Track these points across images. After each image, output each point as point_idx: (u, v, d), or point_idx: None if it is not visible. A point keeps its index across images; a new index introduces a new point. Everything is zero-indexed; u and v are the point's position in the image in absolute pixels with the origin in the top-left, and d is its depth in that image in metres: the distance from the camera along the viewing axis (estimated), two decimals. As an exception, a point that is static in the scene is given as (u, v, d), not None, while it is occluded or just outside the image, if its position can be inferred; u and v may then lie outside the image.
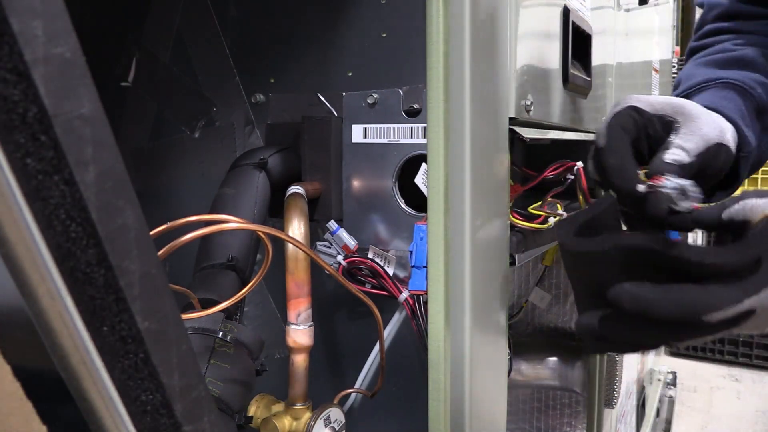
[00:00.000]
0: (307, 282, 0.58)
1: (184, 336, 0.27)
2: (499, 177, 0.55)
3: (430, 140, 0.47)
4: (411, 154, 0.69)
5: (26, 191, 0.21)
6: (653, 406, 1.80)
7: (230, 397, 0.53)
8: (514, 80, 0.55)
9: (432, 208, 0.48)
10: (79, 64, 0.22)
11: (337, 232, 0.70)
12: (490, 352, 0.55)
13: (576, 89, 0.73)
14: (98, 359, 0.24)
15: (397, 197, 0.71)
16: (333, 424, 0.58)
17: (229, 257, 0.62)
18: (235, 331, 0.56)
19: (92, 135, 0.22)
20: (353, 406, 0.74)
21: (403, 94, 0.69)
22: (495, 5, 0.52)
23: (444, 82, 0.46)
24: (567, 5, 0.68)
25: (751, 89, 0.56)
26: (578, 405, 1.03)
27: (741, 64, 0.60)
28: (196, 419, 0.27)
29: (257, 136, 0.79)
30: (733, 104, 0.54)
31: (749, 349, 2.57)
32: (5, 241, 0.21)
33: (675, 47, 1.96)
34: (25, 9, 0.20)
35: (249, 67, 0.79)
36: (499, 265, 0.56)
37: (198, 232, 0.45)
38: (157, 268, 0.25)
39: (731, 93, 0.56)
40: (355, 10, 0.72)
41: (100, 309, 0.24)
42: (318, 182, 0.72)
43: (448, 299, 0.49)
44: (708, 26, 0.69)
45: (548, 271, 1.02)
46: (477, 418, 0.52)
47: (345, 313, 0.77)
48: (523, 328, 1.05)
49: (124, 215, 0.23)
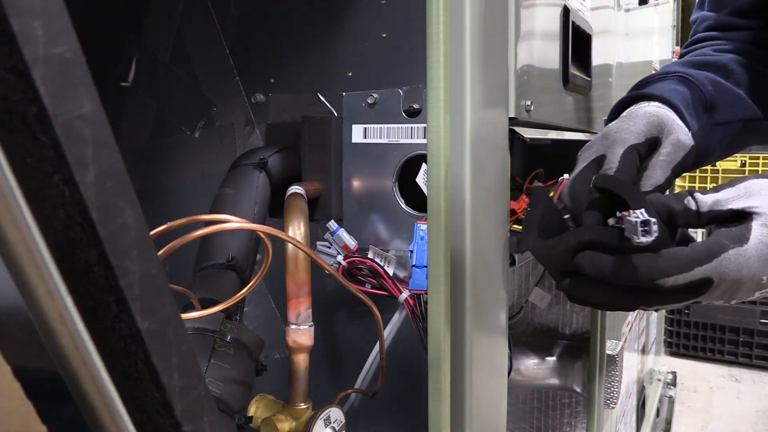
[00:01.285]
0: (307, 282, 0.58)
1: (184, 336, 0.27)
2: (499, 177, 0.55)
3: (430, 140, 0.47)
4: (411, 154, 0.69)
5: (26, 191, 0.21)
6: (653, 406, 1.80)
7: (230, 397, 0.53)
8: (514, 80, 0.55)
9: (432, 208, 0.48)
10: (79, 64, 0.22)
11: (337, 232, 0.70)
12: (490, 352, 0.55)
13: (576, 89, 0.73)
14: (98, 359, 0.24)
15: (397, 197, 0.71)
16: (333, 424, 0.58)
17: (229, 257, 0.62)
18: (235, 331, 0.56)
19: (92, 135, 0.22)
20: (353, 406, 0.74)
21: (403, 94, 0.69)
22: (495, 5, 0.52)
23: (444, 82, 0.46)
24: (567, 5, 0.68)
25: (701, 85, 0.61)
26: (578, 405, 1.03)
27: (712, 67, 0.65)
28: (196, 419, 0.27)
29: (257, 136, 0.79)
30: (680, 96, 0.58)
31: (749, 349, 2.57)
32: (5, 241, 0.21)
33: (675, 47, 1.96)
34: (25, 9, 0.20)
35: (249, 67, 0.79)
36: (499, 265, 0.56)
37: (198, 232, 0.45)
38: (157, 268, 0.25)
39: (681, 86, 0.60)
40: (355, 10, 0.72)
41: (100, 309, 0.24)
42: (318, 182, 0.72)
43: (448, 299, 0.49)
44: (698, 35, 0.74)
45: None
46: (477, 418, 0.52)
47: (345, 313, 0.77)
48: (523, 328, 1.05)
49: (124, 215, 0.23)
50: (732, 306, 2.55)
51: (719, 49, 0.68)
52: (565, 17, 0.68)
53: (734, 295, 0.44)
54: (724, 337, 2.61)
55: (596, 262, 0.43)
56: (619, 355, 1.03)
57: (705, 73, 0.63)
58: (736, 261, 0.42)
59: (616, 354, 1.02)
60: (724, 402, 2.43)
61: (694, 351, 2.69)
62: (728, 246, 0.42)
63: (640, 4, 1.19)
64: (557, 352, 1.01)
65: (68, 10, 0.21)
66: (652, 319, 1.78)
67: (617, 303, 0.46)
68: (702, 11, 0.75)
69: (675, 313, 2.70)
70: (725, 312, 2.58)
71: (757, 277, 0.43)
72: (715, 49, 0.69)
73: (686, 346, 2.70)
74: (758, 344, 2.55)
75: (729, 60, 0.65)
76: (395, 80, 0.70)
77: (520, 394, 1.05)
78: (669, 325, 2.73)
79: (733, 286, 0.43)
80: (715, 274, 0.42)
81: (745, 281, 0.43)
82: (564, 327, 1.05)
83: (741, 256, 0.42)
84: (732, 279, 0.42)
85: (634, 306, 0.46)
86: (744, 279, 0.43)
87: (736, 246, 0.42)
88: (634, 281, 0.42)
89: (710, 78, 0.62)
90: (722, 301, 0.45)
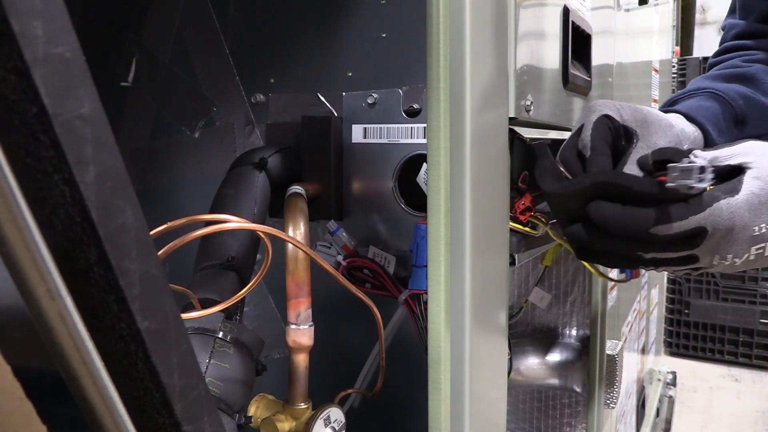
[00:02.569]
0: (307, 282, 0.58)
1: (184, 336, 0.27)
2: (499, 177, 0.55)
3: (430, 140, 0.47)
4: (411, 154, 0.69)
5: (26, 191, 0.21)
6: (653, 406, 1.80)
7: (230, 397, 0.53)
8: (513, 80, 0.55)
9: (432, 208, 0.48)
10: (79, 64, 0.22)
11: (337, 232, 0.70)
12: (490, 352, 0.55)
13: (576, 89, 0.73)
14: (98, 359, 0.24)
15: (397, 197, 0.71)
16: (333, 424, 0.58)
17: (229, 257, 0.62)
18: (235, 331, 0.56)
19: (92, 135, 0.22)
20: (353, 406, 0.74)
21: (403, 94, 0.69)
22: (495, 5, 0.52)
23: (444, 82, 0.46)
24: (567, 5, 0.68)
25: (731, 100, 0.63)
26: (578, 405, 1.03)
27: (742, 79, 0.67)
28: (196, 419, 0.27)
29: (257, 136, 0.79)
30: (709, 112, 0.61)
31: (749, 349, 2.57)
32: (5, 241, 0.21)
33: (675, 47, 1.96)
34: (25, 9, 0.20)
35: (249, 67, 0.79)
36: (499, 265, 0.56)
37: (198, 232, 0.45)
38: (157, 268, 0.25)
39: (712, 102, 0.63)
40: (355, 10, 0.72)
41: (100, 309, 0.24)
42: (318, 182, 0.72)
43: (448, 299, 0.49)
44: (726, 44, 0.76)
45: (548, 271, 1.02)
46: (477, 418, 0.52)
47: (345, 313, 0.77)
48: (523, 328, 1.05)
49: (124, 215, 0.23)
50: (732, 306, 2.55)
51: (748, 59, 0.70)
52: (565, 17, 0.68)
53: (729, 248, 0.46)
54: (724, 337, 2.61)
55: (601, 210, 0.46)
56: (619, 355, 1.03)
57: (735, 86, 0.65)
58: (728, 210, 0.44)
59: (616, 354, 1.02)
60: (724, 402, 2.43)
61: (694, 351, 2.69)
62: (720, 197, 0.45)
63: (640, 4, 1.19)
64: (557, 352, 1.01)
65: (68, 10, 0.21)
66: (652, 319, 1.79)
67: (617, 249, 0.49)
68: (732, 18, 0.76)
69: (675, 313, 2.70)
70: (725, 312, 2.58)
71: (749, 227, 0.45)
72: (744, 60, 0.71)
73: (686, 346, 2.70)
74: (758, 344, 2.55)
75: (757, 70, 0.67)
76: (395, 80, 0.70)
77: (520, 394, 1.05)
78: (669, 325, 2.73)
79: (727, 237, 0.45)
80: (708, 223, 0.44)
81: (738, 231, 0.45)
82: (564, 327, 1.05)
83: (732, 206, 0.44)
84: (725, 228, 0.45)
85: (632, 251, 0.49)
86: (736, 228, 0.45)
87: (728, 197, 0.45)
88: (633, 228, 0.45)
89: (740, 92, 0.64)
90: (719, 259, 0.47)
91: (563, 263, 1.00)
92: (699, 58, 2.62)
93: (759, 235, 0.46)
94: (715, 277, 2.57)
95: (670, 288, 2.66)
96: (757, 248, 0.47)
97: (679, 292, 2.67)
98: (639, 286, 1.48)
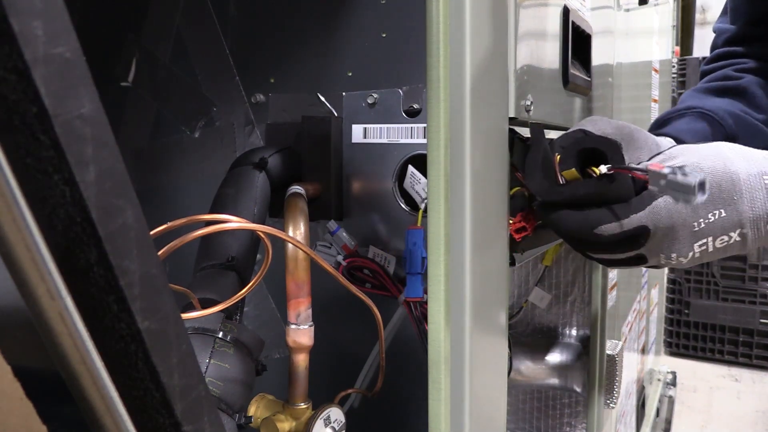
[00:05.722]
0: (307, 282, 0.58)
1: (184, 336, 0.27)
2: (499, 177, 0.55)
3: (430, 140, 0.47)
4: (411, 154, 0.69)
5: (26, 191, 0.21)
6: (653, 406, 1.80)
7: (230, 397, 0.53)
8: (513, 80, 0.55)
9: (432, 208, 0.48)
10: (79, 64, 0.22)
11: (337, 232, 0.70)
12: (490, 352, 0.55)
13: (576, 89, 0.73)
14: (98, 359, 0.24)
15: (397, 197, 0.71)
16: (333, 424, 0.58)
17: (229, 257, 0.62)
18: (235, 331, 0.56)
19: (92, 135, 0.22)
20: (353, 406, 0.74)
21: (403, 94, 0.69)
22: (495, 5, 0.52)
23: (444, 82, 0.46)
24: (567, 5, 0.68)
25: (721, 120, 0.65)
26: (578, 405, 1.03)
27: (734, 93, 0.68)
28: (196, 419, 0.27)
29: (257, 136, 0.79)
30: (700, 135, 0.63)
31: (749, 349, 2.57)
32: (5, 241, 0.21)
33: (675, 47, 1.96)
34: (25, 9, 0.20)
35: (249, 67, 0.79)
36: (499, 265, 0.56)
37: (198, 232, 0.45)
38: (157, 268, 0.25)
39: (701, 123, 0.65)
40: (354, 10, 0.72)
41: (100, 309, 0.24)
42: (318, 182, 0.72)
43: (448, 299, 0.49)
44: (718, 50, 0.77)
45: (548, 271, 1.02)
46: (477, 418, 0.52)
47: (345, 313, 0.77)
48: (523, 328, 1.05)
49: (124, 215, 0.23)
50: (732, 306, 2.55)
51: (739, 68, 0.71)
52: (565, 17, 0.68)
53: (673, 246, 0.48)
54: (724, 337, 2.61)
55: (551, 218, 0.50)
56: (619, 355, 1.03)
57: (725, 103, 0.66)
58: (666, 208, 0.46)
59: (616, 354, 1.02)
60: (724, 402, 2.43)
61: (694, 351, 2.69)
62: (657, 195, 0.46)
63: (640, 4, 1.19)
64: (557, 352, 1.01)
65: (68, 10, 0.21)
66: (652, 319, 1.79)
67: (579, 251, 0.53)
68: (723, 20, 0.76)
69: (675, 313, 2.70)
70: (725, 312, 2.58)
71: (689, 224, 0.47)
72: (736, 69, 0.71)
73: (686, 346, 2.70)
74: (758, 344, 2.55)
75: (749, 83, 0.68)
76: (395, 80, 0.70)
77: (520, 394, 1.05)
78: (669, 325, 2.73)
79: (669, 234, 0.47)
80: (650, 221, 0.46)
81: (678, 228, 0.47)
82: (564, 327, 1.05)
83: (670, 203, 0.46)
84: (665, 225, 0.46)
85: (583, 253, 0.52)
86: (676, 225, 0.47)
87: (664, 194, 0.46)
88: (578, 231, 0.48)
89: (730, 111, 0.66)
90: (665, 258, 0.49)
91: (563, 263, 1.00)
92: (699, 58, 2.62)
93: (699, 230, 0.47)
94: (715, 277, 2.57)
95: (670, 288, 2.66)
96: (700, 245, 0.48)
97: (679, 292, 2.67)
98: (639, 286, 1.48)
